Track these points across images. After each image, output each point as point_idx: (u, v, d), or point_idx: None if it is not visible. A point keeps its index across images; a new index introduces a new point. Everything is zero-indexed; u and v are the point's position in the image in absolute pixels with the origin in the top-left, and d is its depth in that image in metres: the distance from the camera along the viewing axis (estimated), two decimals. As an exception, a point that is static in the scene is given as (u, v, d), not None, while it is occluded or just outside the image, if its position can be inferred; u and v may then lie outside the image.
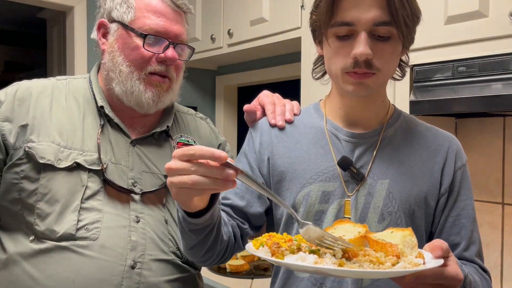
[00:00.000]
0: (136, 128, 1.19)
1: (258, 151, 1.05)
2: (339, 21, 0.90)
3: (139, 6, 1.13)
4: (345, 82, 0.93)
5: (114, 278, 1.04)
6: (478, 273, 0.97)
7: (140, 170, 1.14)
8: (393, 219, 0.96)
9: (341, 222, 0.87)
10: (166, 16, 1.14)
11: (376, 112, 1.03)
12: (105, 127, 1.14)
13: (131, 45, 1.12)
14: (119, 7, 1.14)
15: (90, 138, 1.11)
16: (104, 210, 1.07)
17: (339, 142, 1.01)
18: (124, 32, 1.13)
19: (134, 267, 1.07)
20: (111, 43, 1.14)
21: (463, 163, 1.03)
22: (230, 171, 0.73)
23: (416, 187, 0.98)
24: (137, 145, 1.16)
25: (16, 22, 4.78)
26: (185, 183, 0.73)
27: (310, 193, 0.98)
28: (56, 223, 1.04)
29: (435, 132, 1.05)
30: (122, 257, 1.06)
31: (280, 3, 2.16)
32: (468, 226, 1.00)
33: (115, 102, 1.17)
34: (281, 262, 0.72)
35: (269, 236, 0.81)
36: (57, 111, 1.12)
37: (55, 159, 1.06)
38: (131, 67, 1.12)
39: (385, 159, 0.99)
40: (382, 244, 0.75)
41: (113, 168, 1.11)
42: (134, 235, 1.09)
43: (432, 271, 0.72)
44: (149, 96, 1.13)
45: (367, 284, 0.95)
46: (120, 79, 1.12)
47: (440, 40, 1.50)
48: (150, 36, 1.11)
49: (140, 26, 1.12)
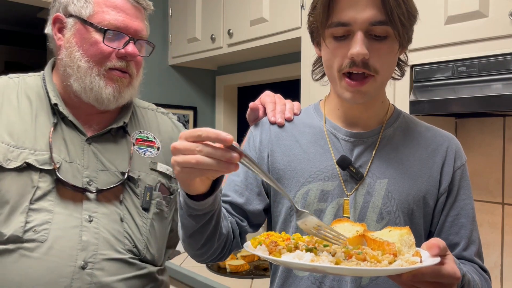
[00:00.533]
0: (92, 125, 1.17)
1: (258, 149, 1.06)
2: (336, 22, 0.91)
3: (97, 1, 1.11)
4: (342, 87, 0.94)
5: (62, 280, 1.02)
6: (478, 273, 0.97)
7: (96, 169, 1.12)
8: (392, 219, 0.96)
9: (340, 221, 0.87)
10: (125, 11, 1.13)
11: (376, 113, 1.03)
12: (58, 126, 1.12)
13: (89, 40, 1.10)
14: (76, 2, 1.12)
15: (43, 137, 1.09)
16: (55, 210, 1.05)
17: (338, 142, 1.01)
18: (82, 27, 1.11)
19: (84, 267, 1.05)
20: (68, 38, 1.12)
21: (463, 162, 1.03)
22: (234, 154, 0.73)
23: (415, 187, 0.98)
24: (93, 142, 1.14)
25: (16, 22, 4.78)
26: (189, 162, 0.74)
27: (309, 192, 0.98)
28: (3, 225, 1.02)
29: (435, 132, 1.06)
30: (71, 258, 1.04)
31: (280, 3, 2.16)
32: (468, 226, 1.00)
33: (71, 99, 1.15)
34: (278, 260, 0.73)
35: (267, 235, 0.82)
36: (7, 110, 1.10)
37: (3, 159, 1.04)
38: (90, 63, 1.10)
39: (384, 158, 0.99)
40: (379, 242, 0.76)
41: (67, 167, 1.09)
42: (85, 235, 1.07)
43: (429, 269, 0.72)
44: (109, 92, 1.11)
45: (366, 283, 0.95)
46: (79, 75, 1.10)
47: (440, 40, 1.50)
48: (110, 31, 1.10)
49: (99, 21, 1.10)
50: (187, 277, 2.01)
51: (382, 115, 1.04)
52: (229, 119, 3.10)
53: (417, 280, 0.73)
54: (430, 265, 0.71)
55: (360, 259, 0.71)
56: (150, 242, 1.17)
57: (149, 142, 1.23)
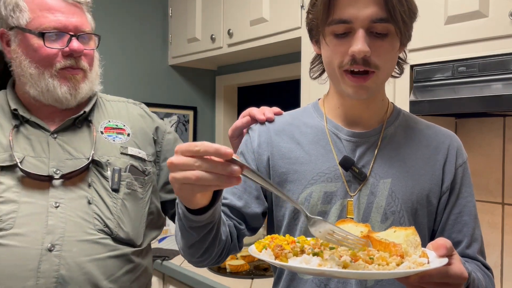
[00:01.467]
0: (56, 120, 1.22)
1: (256, 152, 1.04)
2: (337, 19, 0.89)
3: (31, 8, 1.14)
4: (345, 84, 0.93)
5: (29, 263, 1.07)
6: (481, 270, 0.97)
7: (63, 158, 1.18)
8: (396, 218, 0.95)
9: (344, 222, 0.86)
10: (61, 11, 1.15)
11: (376, 111, 1.02)
12: (21, 127, 1.19)
13: (32, 46, 1.14)
14: (13, 13, 1.15)
15: (5, 139, 1.16)
16: (21, 200, 1.11)
17: (340, 142, 1.00)
18: (23, 36, 1.15)
19: (51, 249, 1.09)
20: (14, 50, 1.17)
21: (464, 160, 1.03)
22: (235, 167, 0.71)
23: (418, 186, 0.97)
24: (58, 136, 1.20)
25: (16, 22, 4.77)
26: (189, 179, 0.71)
27: (312, 194, 0.97)
28: None
29: (436, 130, 1.05)
30: (37, 241, 1.09)
31: (280, 3, 2.16)
32: (470, 224, 1.00)
33: (32, 103, 1.21)
34: (285, 265, 0.72)
35: (271, 238, 0.80)
36: None
37: None
38: (39, 68, 1.14)
39: (387, 158, 0.99)
40: (385, 244, 0.75)
41: (33, 161, 1.15)
42: (51, 220, 1.12)
43: (437, 271, 0.72)
44: (65, 90, 1.16)
45: (372, 284, 0.94)
46: (32, 82, 1.15)
47: (440, 40, 1.50)
48: (49, 33, 1.13)
49: (37, 26, 1.13)
50: (187, 277, 2.01)
51: (382, 113, 1.03)
52: (229, 119, 3.10)
53: (425, 282, 0.72)
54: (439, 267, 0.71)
55: (368, 261, 0.70)
56: (123, 220, 1.20)
57: (118, 130, 1.29)
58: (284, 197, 0.77)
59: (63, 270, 1.09)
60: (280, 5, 2.16)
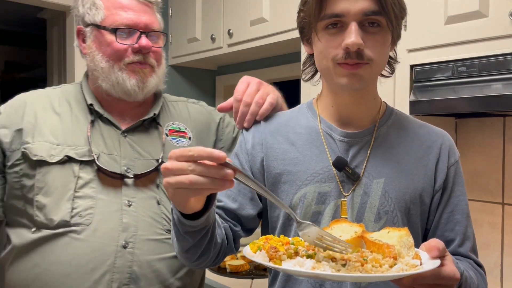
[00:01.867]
0: (126, 119, 1.27)
1: (250, 153, 1.05)
2: (329, 13, 0.90)
3: (107, 6, 1.22)
4: (338, 74, 0.93)
5: (107, 258, 1.13)
6: (473, 268, 0.98)
7: (133, 158, 1.22)
8: (390, 218, 0.96)
9: (338, 222, 0.87)
10: (132, 9, 1.22)
11: (368, 110, 1.02)
12: (96, 123, 1.24)
13: (105, 42, 1.21)
14: (89, 11, 1.23)
15: (82, 134, 1.21)
16: (97, 197, 1.16)
17: (333, 142, 1.01)
18: (97, 32, 1.22)
19: (126, 246, 1.15)
20: (89, 45, 1.24)
21: (456, 159, 1.03)
22: (228, 171, 0.72)
23: (411, 185, 0.98)
24: (128, 135, 1.25)
25: (16, 22, 4.78)
26: (183, 183, 0.73)
27: (306, 194, 0.98)
28: (52, 212, 1.14)
29: (428, 129, 1.05)
30: (114, 238, 1.14)
31: (280, 3, 2.16)
32: (462, 222, 1.00)
33: (104, 98, 1.26)
34: (279, 268, 0.72)
35: (266, 239, 0.81)
36: (51, 115, 1.24)
37: (47, 155, 1.16)
38: (109, 62, 1.21)
39: (380, 157, 0.99)
40: (378, 245, 0.75)
41: (106, 158, 1.20)
42: (125, 218, 1.17)
43: (430, 273, 0.72)
44: (133, 83, 1.21)
45: (365, 284, 0.95)
46: (104, 75, 1.22)
47: (440, 40, 1.50)
48: (121, 30, 1.20)
49: (111, 23, 1.20)
50: (187, 277, 2.01)
51: (375, 113, 1.03)
52: (229, 119, 3.10)
53: (418, 283, 0.73)
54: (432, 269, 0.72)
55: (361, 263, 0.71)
56: None
57: (181, 133, 1.33)
58: (275, 201, 0.78)
59: (136, 266, 1.15)
60: (280, 5, 2.15)
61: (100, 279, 1.12)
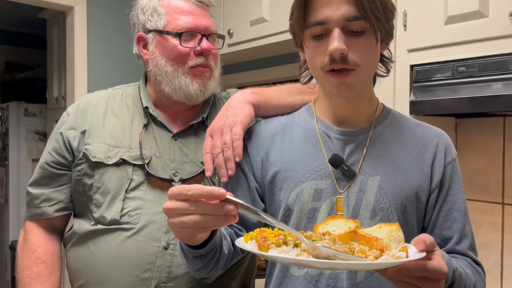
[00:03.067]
0: (177, 122, 1.30)
1: (251, 154, 1.06)
2: (313, 21, 0.93)
3: (167, 11, 1.26)
4: (329, 83, 0.95)
5: (148, 257, 1.18)
6: (471, 266, 0.98)
7: (181, 161, 1.25)
8: (385, 215, 0.97)
9: (334, 218, 0.88)
10: (192, 13, 1.26)
11: (364, 111, 1.04)
12: (149, 126, 1.28)
13: (169, 46, 1.24)
14: (151, 18, 1.27)
15: (136, 137, 1.26)
16: (146, 198, 1.22)
17: (330, 140, 1.02)
18: (160, 38, 1.26)
19: (167, 248, 1.19)
20: (152, 51, 1.27)
21: (453, 157, 1.04)
22: (230, 207, 0.73)
23: (407, 183, 0.99)
24: (178, 138, 1.28)
25: (16, 22, 4.78)
26: (186, 223, 0.74)
27: (303, 191, 0.99)
28: (106, 210, 1.21)
29: (424, 128, 1.06)
30: (157, 239, 1.19)
31: (280, 3, 2.16)
32: (460, 220, 1.01)
33: (163, 101, 1.30)
34: (264, 255, 0.74)
35: (260, 231, 0.82)
36: (110, 116, 1.30)
37: (104, 157, 1.23)
38: (174, 66, 1.24)
39: (375, 156, 1.00)
40: (368, 238, 0.77)
41: (157, 161, 1.24)
42: None
43: (414, 264, 0.73)
44: (196, 87, 1.24)
45: (361, 279, 0.96)
46: (168, 79, 1.25)
47: (440, 40, 1.50)
48: (184, 33, 1.23)
49: (173, 28, 1.24)
50: (187, 277, 2.01)
51: (371, 113, 1.05)
52: (229, 119, 3.10)
53: (403, 275, 0.74)
54: (414, 260, 0.72)
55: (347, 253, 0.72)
56: None
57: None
58: (281, 227, 0.78)
59: (174, 267, 1.18)
60: (280, 5, 2.16)
61: (140, 276, 1.18)
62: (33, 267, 1.27)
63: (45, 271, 1.27)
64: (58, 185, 1.29)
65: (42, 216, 1.29)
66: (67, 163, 1.28)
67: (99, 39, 2.90)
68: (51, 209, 1.29)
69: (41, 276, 1.26)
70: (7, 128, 4.20)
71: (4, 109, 4.27)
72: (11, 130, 4.16)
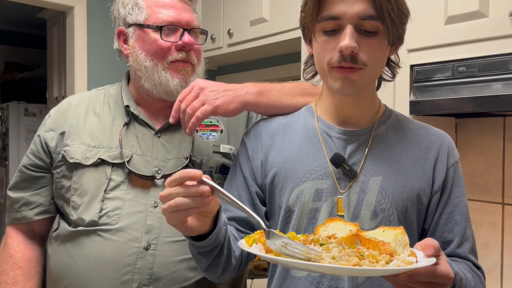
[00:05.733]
0: (159, 119, 1.28)
1: (251, 157, 1.06)
2: (326, 16, 0.91)
3: (148, 5, 1.23)
4: (332, 78, 0.94)
5: (128, 258, 1.15)
6: (471, 270, 0.97)
7: (164, 158, 1.23)
8: (386, 216, 0.96)
9: (333, 220, 0.87)
10: (174, 7, 1.23)
11: (366, 111, 1.03)
12: (131, 124, 1.26)
13: (149, 40, 1.21)
14: (132, 11, 1.24)
15: (117, 136, 1.24)
16: (126, 198, 1.18)
17: (330, 140, 1.01)
18: (141, 31, 1.23)
19: (148, 248, 1.16)
20: (132, 45, 1.25)
21: (456, 160, 1.03)
22: (205, 188, 0.77)
23: (408, 184, 0.98)
24: (161, 135, 1.25)
25: (16, 22, 4.78)
26: (171, 207, 0.79)
27: (303, 191, 0.98)
28: (84, 212, 1.18)
29: (427, 130, 1.06)
30: (137, 239, 1.16)
31: (280, 3, 2.16)
32: (461, 223, 1.00)
33: (144, 98, 1.28)
34: (275, 259, 0.73)
35: (261, 233, 0.81)
36: (91, 117, 1.27)
37: (82, 158, 1.20)
38: (154, 60, 1.21)
39: (377, 156, 0.99)
40: (374, 242, 0.76)
41: (138, 159, 1.21)
42: (150, 219, 1.17)
43: (425, 270, 0.73)
44: (176, 83, 1.21)
45: (362, 281, 0.95)
46: (147, 75, 1.22)
47: (440, 40, 1.50)
48: (166, 27, 1.21)
49: (154, 22, 1.21)
50: (187, 277, 2.01)
51: (373, 114, 1.04)
52: (229, 119, 3.10)
53: (413, 280, 0.73)
54: (427, 266, 0.72)
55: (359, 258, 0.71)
56: None
57: (212, 126, 1.32)
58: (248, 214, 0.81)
59: (156, 268, 1.15)
60: (280, 5, 2.16)
61: (120, 279, 1.14)
62: (10, 272, 1.24)
63: (21, 277, 1.24)
64: (37, 188, 1.27)
65: (22, 220, 1.27)
66: (45, 165, 1.26)
67: (99, 39, 2.90)
68: (31, 213, 1.27)
69: (17, 282, 1.23)
70: (7, 128, 4.21)
71: (4, 109, 4.27)
72: (11, 130, 4.17)
